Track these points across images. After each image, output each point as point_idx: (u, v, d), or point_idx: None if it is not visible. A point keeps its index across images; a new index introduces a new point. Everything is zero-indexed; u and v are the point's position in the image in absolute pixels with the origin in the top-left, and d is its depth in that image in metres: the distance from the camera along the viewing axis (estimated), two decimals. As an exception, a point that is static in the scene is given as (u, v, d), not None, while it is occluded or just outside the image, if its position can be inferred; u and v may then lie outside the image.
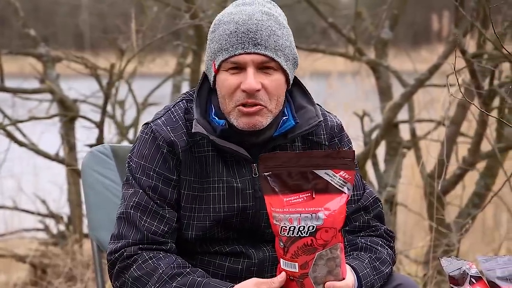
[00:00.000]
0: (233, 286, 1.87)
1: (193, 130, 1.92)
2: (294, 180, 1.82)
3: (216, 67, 1.93)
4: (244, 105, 1.91)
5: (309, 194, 1.81)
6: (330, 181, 1.81)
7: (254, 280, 1.87)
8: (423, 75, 3.99)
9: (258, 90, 1.90)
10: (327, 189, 1.81)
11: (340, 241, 1.81)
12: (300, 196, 1.81)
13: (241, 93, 1.91)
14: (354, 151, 1.89)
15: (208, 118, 1.97)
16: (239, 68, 1.91)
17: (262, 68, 1.91)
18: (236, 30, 1.90)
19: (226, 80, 1.92)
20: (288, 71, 1.94)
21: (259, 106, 1.91)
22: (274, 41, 1.91)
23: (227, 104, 1.93)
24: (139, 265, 1.91)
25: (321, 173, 1.81)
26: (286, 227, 1.79)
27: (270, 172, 1.82)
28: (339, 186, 1.82)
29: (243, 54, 1.90)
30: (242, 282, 1.87)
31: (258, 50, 1.89)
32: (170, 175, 1.95)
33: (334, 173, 1.81)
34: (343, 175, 1.82)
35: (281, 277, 1.82)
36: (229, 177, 1.97)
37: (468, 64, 3.59)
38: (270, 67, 1.91)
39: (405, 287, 1.97)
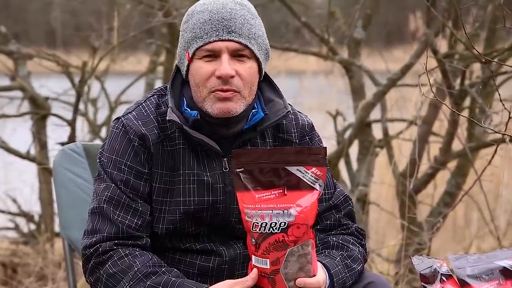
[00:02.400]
0: (207, 287, 1.87)
1: (167, 118, 1.93)
2: (266, 177, 1.82)
3: (190, 55, 1.94)
4: (219, 91, 1.92)
5: (281, 190, 1.81)
6: (302, 177, 1.82)
7: (227, 281, 1.87)
8: (395, 75, 4.01)
9: (233, 77, 1.91)
10: (299, 185, 1.82)
11: (311, 238, 1.82)
12: (272, 192, 1.81)
13: (216, 79, 1.92)
14: (325, 147, 1.90)
15: (180, 109, 1.98)
16: (214, 55, 1.93)
17: (236, 56, 1.93)
18: (210, 18, 1.92)
19: (200, 68, 1.93)
20: (261, 60, 1.96)
21: (234, 92, 1.92)
22: (248, 29, 1.93)
23: (201, 92, 1.94)
24: (115, 261, 1.90)
25: (293, 169, 1.82)
26: (258, 223, 1.79)
27: (243, 168, 1.83)
28: (311, 182, 1.82)
29: (217, 41, 1.91)
30: (216, 284, 1.87)
31: (233, 38, 1.91)
32: (142, 168, 1.95)
33: (306, 170, 1.82)
34: (315, 171, 1.82)
35: (253, 274, 1.83)
36: (200, 171, 1.97)
37: (439, 64, 3.62)
38: (244, 55, 1.93)
39: (376, 285, 1.98)
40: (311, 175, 1.82)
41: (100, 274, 1.91)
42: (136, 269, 1.88)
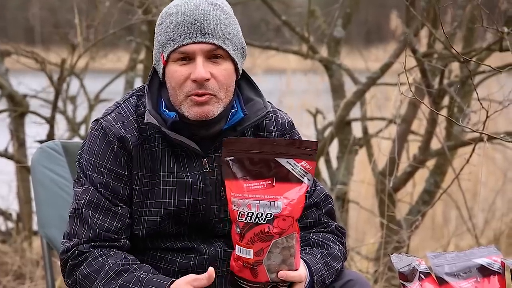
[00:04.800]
0: (174, 281, 1.86)
1: (145, 121, 1.92)
2: (255, 167, 1.82)
3: (164, 58, 1.93)
4: (195, 95, 1.91)
5: (270, 181, 1.81)
6: (291, 170, 1.82)
7: (190, 276, 1.85)
8: (375, 74, 4.03)
9: (208, 80, 1.91)
10: (287, 178, 1.82)
11: (296, 231, 1.82)
12: (261, 183, 1.81)
13: (191, 83, 1.91)
14: (317, 142, 1.90)
15: (159, 111, 1.97)
16: (188, 58, 1.92)
17: (210, 57, 1.92)
18: (183, 20, 1.91)
19: (175, 72, 1.92)
20: (236, 60, 1.95)
21: (209, 96, 1.91)
22: (222, 30, 1.92)
23: (177, 95, 1.93)
24: (89, 262, 1.90)
25: (283, 161, 1.82)
26: (244, 212, 1.79)
27: (233, 157, 1.82)
28: (300, 176, 1.83)
29: (191, 43, 1.90)
30: (179, 279, 1.85)
31: (206, 39, 1.90)
32: (122, 171, 1.94)
33: (296, 163, 1.82)
34: (304, 165, 1.83)
35: (210, 272, 1.82)
36: (180, 172, 1.96)
37: (418, 63, 3.64)
38: (219, 56, 1.92)
39: (356, 283, 1.99)
40: (300, 168, 1.82)
41: (76, 275, 1.92)
42: (107, 268, 1.88)
